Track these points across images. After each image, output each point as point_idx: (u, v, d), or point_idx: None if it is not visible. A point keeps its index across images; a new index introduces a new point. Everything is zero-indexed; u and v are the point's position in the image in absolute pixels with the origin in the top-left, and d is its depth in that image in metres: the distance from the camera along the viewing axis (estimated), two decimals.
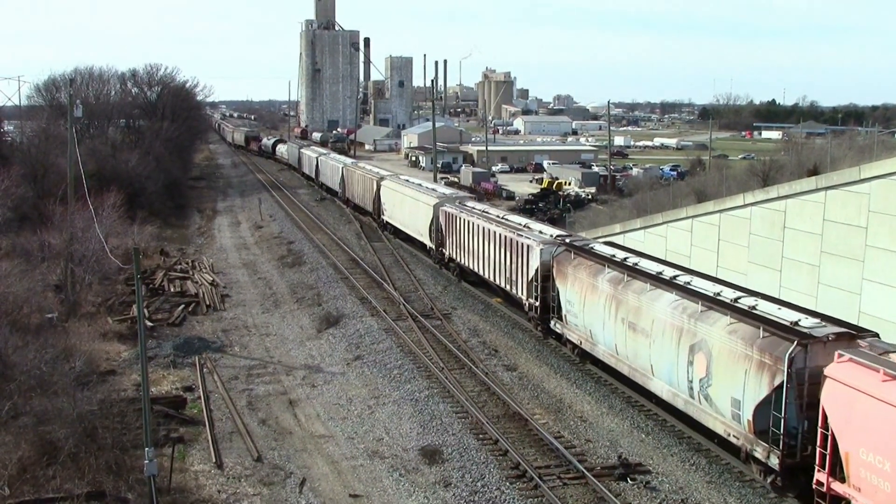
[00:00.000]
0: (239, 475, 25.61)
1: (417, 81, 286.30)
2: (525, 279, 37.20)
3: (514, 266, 38.43)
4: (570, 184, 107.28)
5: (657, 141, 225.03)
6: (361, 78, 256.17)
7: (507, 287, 39.77)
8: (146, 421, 23.03)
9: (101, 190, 50.29)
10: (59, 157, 59.70)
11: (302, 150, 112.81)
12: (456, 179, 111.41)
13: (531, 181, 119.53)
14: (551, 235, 37.89)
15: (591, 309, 31.25)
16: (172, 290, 48.66)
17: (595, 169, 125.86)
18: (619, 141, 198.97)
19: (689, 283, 27.49)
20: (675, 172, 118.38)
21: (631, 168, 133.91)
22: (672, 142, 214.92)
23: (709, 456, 25.66)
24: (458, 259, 46.66)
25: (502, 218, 43.36)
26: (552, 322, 35.16)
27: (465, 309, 42.61)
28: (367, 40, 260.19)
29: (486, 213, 45.55)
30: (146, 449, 22.52)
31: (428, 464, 25.77)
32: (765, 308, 24.30)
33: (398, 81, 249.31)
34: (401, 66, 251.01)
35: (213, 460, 26.49)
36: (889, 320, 29.03)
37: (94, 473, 23.87)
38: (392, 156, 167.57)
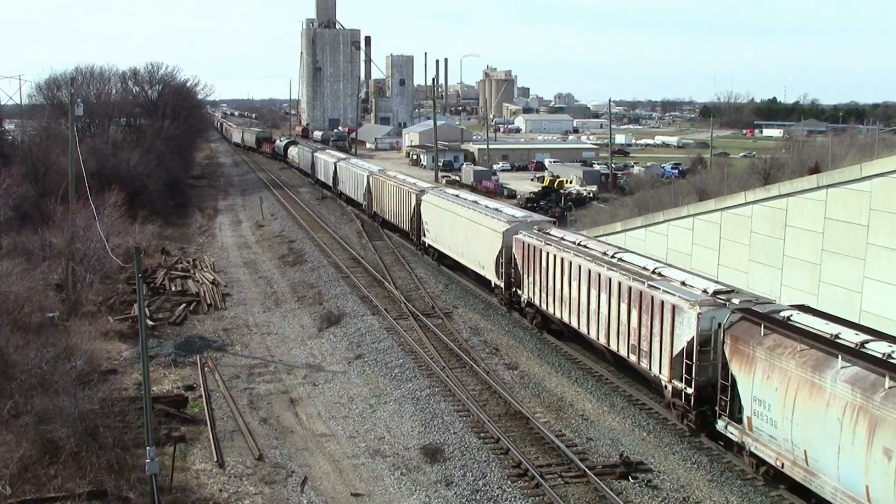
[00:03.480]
0: (240, 474, 25.62)
1: (418, 80, 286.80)
2: (666, 352, 26.78)
3: (644, 330, 27.91)
4: (571, 182, 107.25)
5: (658, 139, 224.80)
6: (362, 76, 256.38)
7: (632, 357, 28.96)
8: (147, 420, 23.03)
9: (102, 189, 50.28)
10: (60, 156, 59.73)
11: (316, 154, 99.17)
12: (457, 178, 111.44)
13: (532, 179, 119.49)
14: (705, 291, 26.76)
15: (806, 418, 20.89)
16: (173, 288, 48.68)
17: (596, 167, 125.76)
18: (620, 139, 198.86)
19: None
20: (676, 171, 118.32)
21: (632, 166, 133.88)
22: (673, 140, 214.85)
23: (710, 454, 25.64)
24: (543, 305, 36.10)
25: (614, 257, 32.04)
26: (720, 422, 24.63)
27: (467, 308, 42.59)
28: (367, 39, 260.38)
29: (585, 247, 34.33)
30: (147, 448, 22.52)
31: (429, 462, 25.78)
32: None
33: (399, 80, 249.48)
34: (401, 65, 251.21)
35: (215, 459, 26.50)
36: (890, 318, 29.02)
37: (96, 472, 23.87)
38: (393, 154, 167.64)
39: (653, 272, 29.53)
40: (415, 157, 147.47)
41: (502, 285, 40.60)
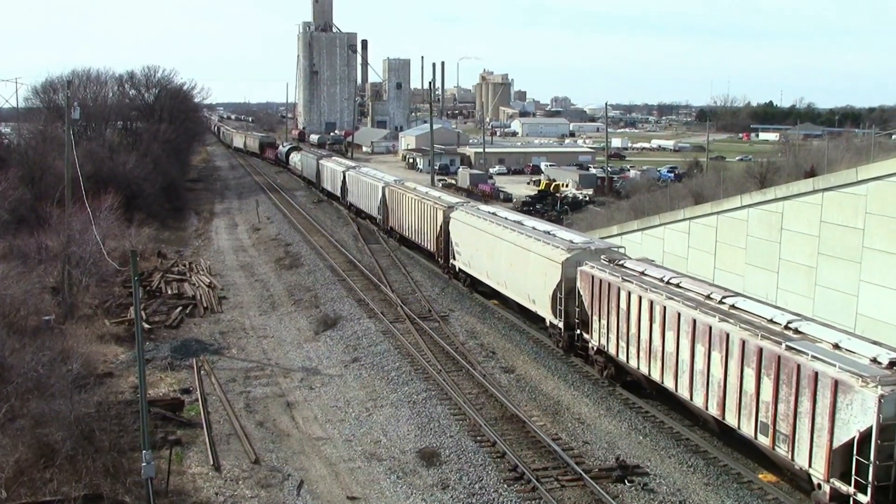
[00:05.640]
0: (237, 477, 25.60)
1: (415, 83, 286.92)
2: (821, 441, 20.63)
3: (782, 407, 21.88)
4: (567, 185, 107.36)
5: (654, 143, 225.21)
6: (359, 80, 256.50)
7: (762, 439, 22.83)
8: (143, 423, 23.02)
9: (98, 192, 50.28)
10: (56, 160, 59.71)
11: (322, 162, 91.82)
12: (453, 181, 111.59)
13: (529, 183, 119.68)
14: (876, 360, 20.56)
15: None
16: (170, 292, 48.64)
17: (592, 171, 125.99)
18: (616, 143, 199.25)
19: None
20: (672, 174, 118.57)
21: (628, 170, 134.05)
22: (669, 143, 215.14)
23: (706, 458, 25.66)
24: (620, 355, 29.91)
25: (723, 303, 25.81)
26: None
27: (463, 311, 42.59)
28: (364, 42, 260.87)
29: (679, 286, 27.97)
30: (143, 451, 22.51)
31: (426, 466, 25.76)
32: None
33: (396, 83, 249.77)
34: (398, 68, 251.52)
35: (211, 462, 26.47)
36: (886, 322, 29.08)
37: (92, 476, 23.84)
38: (389, 158, 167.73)
39: (786, 327, 23.26)
40: (411, 160, 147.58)
41: (560, 325, 34.07)
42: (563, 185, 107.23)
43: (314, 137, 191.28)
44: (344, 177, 78.03)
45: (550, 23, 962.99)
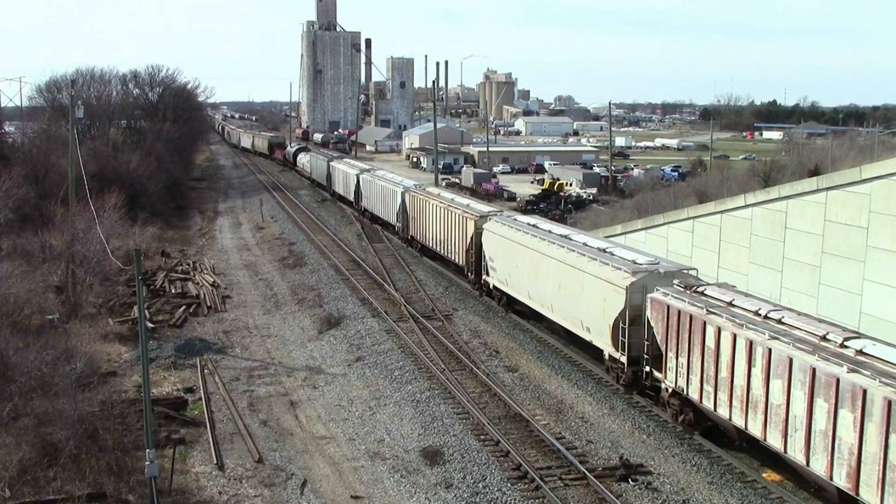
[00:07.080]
0: (240, 476, 25.61)
1: (419, 82, 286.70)
2: None
3: None
4: (571, 184, 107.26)
5: (658, 142, 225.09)
6: (363, 79, 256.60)
7: None
8: (147, 422, 23.02)
9: (102, 191, 50.29)
10: (60, 158, 59.73)
11: (333, 164, 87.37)
12: (457, 180, 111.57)
13: (532, 182, 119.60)
14: None
15: None
16: (173, 291, 48.69)
17: (596, 170, 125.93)
18: (620, 142, 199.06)
19: None
20: (676, 173, 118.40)
21: (632, 169, 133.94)
22: (673, 142, 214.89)
23: (710, 457, 25.63)
24: (705, 402, 25.38)
25: (846, 346, 21.23)
26: None
27: (466, 310, 42.57)
28: (368, 41, 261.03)
29: (782, 322, 23.42)
30: (147, 450, 22.51)
31: (429, 465, 25.76)
32: None
33: (399, 82, 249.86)
34: (402, 67, 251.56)
35: (215, 462, 26.49)
36: (890, 321, 29.02)
37: (95, 475, 23.88)
38: (393, 157, 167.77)
39: None
40: (415, 159, 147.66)
41: (623, 360, 29.72)
42: (566, 184, 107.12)
43: (318, 136, 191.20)
44: (358, 180, 73.37)
45: (554, 22, 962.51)
